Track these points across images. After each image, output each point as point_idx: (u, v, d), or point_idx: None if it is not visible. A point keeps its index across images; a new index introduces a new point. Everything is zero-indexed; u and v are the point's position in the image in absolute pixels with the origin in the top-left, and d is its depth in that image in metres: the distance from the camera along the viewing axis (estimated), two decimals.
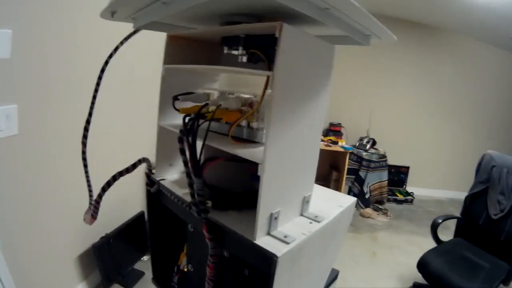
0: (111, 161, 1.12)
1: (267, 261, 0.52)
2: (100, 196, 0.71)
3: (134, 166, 0.73)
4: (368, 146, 3.82)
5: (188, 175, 0.58)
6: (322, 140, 3.66)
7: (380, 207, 3.67)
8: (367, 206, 3.59)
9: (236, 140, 0.63)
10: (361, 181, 3.67)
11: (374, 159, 3.67)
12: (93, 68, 1.08)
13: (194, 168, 0.57)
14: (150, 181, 0.83)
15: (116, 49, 0.83)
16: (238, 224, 0.60)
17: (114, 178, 0.71)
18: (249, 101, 0.64)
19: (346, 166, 3.54)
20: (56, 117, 1.51)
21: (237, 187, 0.72)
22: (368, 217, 3.43)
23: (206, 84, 0.88)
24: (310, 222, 0.66)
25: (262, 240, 0.55)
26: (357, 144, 3.92)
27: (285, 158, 0.57)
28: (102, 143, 1.79)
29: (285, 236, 0.57)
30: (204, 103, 0.60)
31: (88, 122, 0.84)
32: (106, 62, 0.83)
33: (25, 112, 1.34)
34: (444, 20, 3.65)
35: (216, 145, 0.59)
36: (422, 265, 1.86)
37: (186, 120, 0.58)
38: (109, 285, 1.96)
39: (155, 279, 0.93)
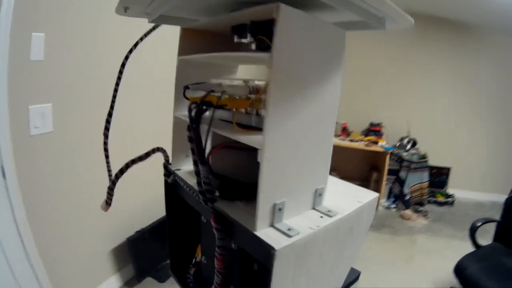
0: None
1: (266, 253, 0.49)
2: (113, 183, 0.74)
3: (147, 154, 0.75)
4: (408, 146, 3.67)
5: (195, 162, 0.58)
6: (362, 140, 3.55)
7: (420, 209, 3.51)
8: (407, 207, 3.45)
9: (245, 128, 0.61)
10: (401, 182, 3.53)
11: (414, 160, 3.51)
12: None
13: (199, 155, 0.57)
14: (167, 172, 0.85)
15: (136, 45, 0.87)
16: (243, 214, 0.59)
17: (127, 165, 0.73)
18: (257, 88, 0.62)
19: (387, 167, 3.39)
20: (88, 114, 1.60)
21: (248, 178, 0.70)
22: (408, 219, 3.31)
23: (223, 76, 0.87)
24: (321, 217, 0.62)
25: (264, 232, 0.53)
26: (398, 144, 3.77)
27: (289, 146, 0.54)
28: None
29: (289, 229, 0.54)
30: (209, 91, 0.59)
31: (110, 114, 0.88)
32: (127, 57, 0.87)
33: (59, 110, 1.44)
34: (483, 18, 3.42)
35: (220, 131, 0.58)
36: (459, 270, 1.77)
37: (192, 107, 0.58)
38: (142, 278, 2.03)
39: (173, 270, 0.94)
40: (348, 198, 0.74)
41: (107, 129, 0.87)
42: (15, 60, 1.24)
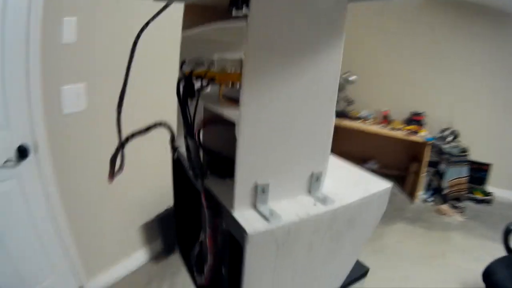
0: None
1: (241, 237, 0.46)
2: (114, 156, 0.75)
3: (147, 129, 0.74)
4: (449, 138, 3.42)
5: (185, 136, 0.57)
6: (403, 129, 3.34)
7: (457, 205, 3.26)
8: (444, 202, 3.26)
9: (237, 102, 0.58)
10: (440, 175, 3.32)
11: (454, 153, 3.26)
12: (149, 48, 1.13)
13: (186, 128, 0.55)
14: (172, 147, 0.85)
15: (147, 23, 0.86)
16: (229, 193, 0.56)
17: (127, 139, 0.74)
18: None
19: (426, 158, 3.20)
20: (119, 93, 1.65)
21: None
22: (444, 214, 3.12)
23: (231, 52, 0.84)
24: (314, 204, 0.57)
25: (242, 213, 0.50)
26: (438, 136, 3.50)
27: (273, 122, 0.49)
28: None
29: (271, 214, 0.50)
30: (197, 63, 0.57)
31: (123, 91, 0.89)
32: (138, 36, 0.87)
33: (93, 90, 1.51)
34: None
35: (208, 105, 0.56)
36: (487, 275, 1.63)
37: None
38: (168, 254, 2.13)
39: (179, 246, 0.96)
40: (355, 186, 0.68)
41: (120, 105, 0.89)
42: (47, 43, 1.30)
